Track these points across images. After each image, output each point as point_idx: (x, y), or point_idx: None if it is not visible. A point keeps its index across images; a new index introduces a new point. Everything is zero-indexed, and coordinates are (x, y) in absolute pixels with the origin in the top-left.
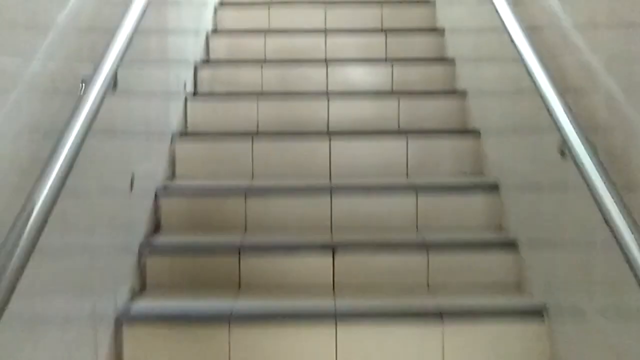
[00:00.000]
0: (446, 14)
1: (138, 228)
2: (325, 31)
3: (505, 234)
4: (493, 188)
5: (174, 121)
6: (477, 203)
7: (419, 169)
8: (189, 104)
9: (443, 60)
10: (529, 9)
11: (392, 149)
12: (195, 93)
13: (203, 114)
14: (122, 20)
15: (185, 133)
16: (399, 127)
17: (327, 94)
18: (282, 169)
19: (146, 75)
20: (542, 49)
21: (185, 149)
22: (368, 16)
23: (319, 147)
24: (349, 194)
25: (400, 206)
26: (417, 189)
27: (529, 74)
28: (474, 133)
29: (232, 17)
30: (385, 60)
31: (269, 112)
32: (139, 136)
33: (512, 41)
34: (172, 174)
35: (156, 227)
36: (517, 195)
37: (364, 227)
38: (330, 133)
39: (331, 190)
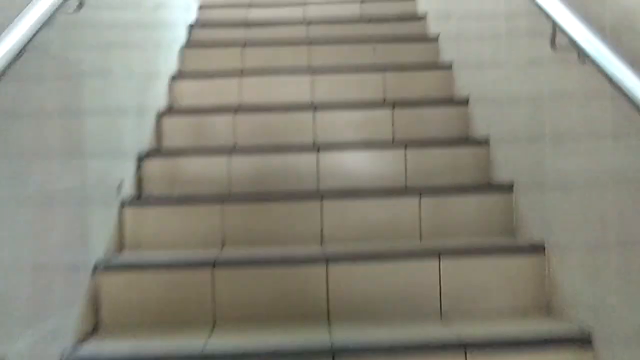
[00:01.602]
0: (469, 79)
1: None
2: (314, 106)
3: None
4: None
5: (99, 244)
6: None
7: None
8: (126, 214)
9: (472, 140)
10: None
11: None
12: (138, 197)
13: (147, 226)
14: None
15: (115, 266)
16: (420, 236)
17: (320, 194)
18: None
19: (35, 180)
20: None
21: (116, 291)
22: (368, 84)
23: (311, 277)
24: None
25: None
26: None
27: None
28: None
29: (193, 91)
30: (393, 142)
31: (239, 224)
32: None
33: None
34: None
35: None
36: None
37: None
38: (328, 260)
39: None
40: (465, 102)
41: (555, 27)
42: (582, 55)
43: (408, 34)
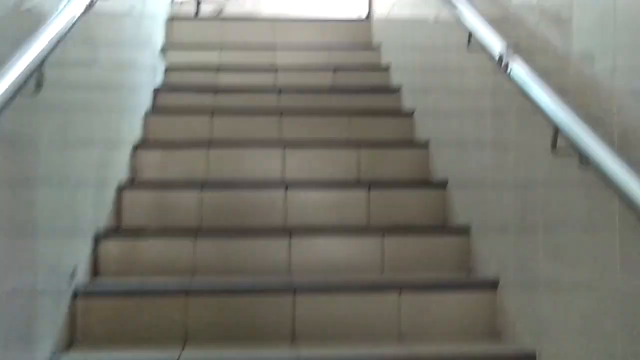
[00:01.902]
0: (448, 160)
1: None
2: (285, 184)
3: None
4: None
5: (45, 343)
6: None
7: None
8: (79, 305)
9: (451, 229)
10: None
11: None
12: (93, 284)
13: (101, 321)
14: None
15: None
16: (400, 334)
17: (293, 287)
18: None
19: None
20: None
21: None
22: (341, 161)
23: None
24: None
25: None
26: None
27: None
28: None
29: (157, 162)
30: (369, 226)
31: (205, 319)
32: None
33: None
34: None
35: None
36: None
37: None
38: None
39: None
40: (443, 185)
41: (557, 130)
42: (585, 161)
43: (383, 108)
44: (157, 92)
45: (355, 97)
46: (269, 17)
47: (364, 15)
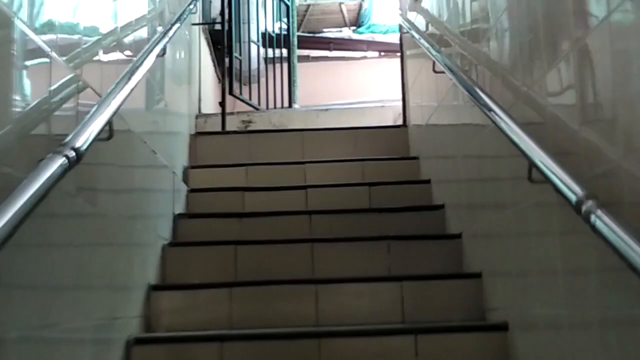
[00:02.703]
0: (510, 297)
1: None
2: (319, 332)
3: None
4: None
5: None
6: None
7: None
8: None
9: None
10: None
11: None
12: None
13: None
14: None
15: None
16: None
17: None
18: None
19: None
20: None
21: None
22: (383, 297)
23: None
24: None
25: None
26: None
27: None
28: None
29: (172, 309)
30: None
31: None
32: None
33: None
34: None
35: None
36: None
37: None
38: None
39: None
40: (505, 326)
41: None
42: None
43: (424, 229)
44: (178, 218)
45: (394, 217)
46: (298, 127)
47: (397, 120)
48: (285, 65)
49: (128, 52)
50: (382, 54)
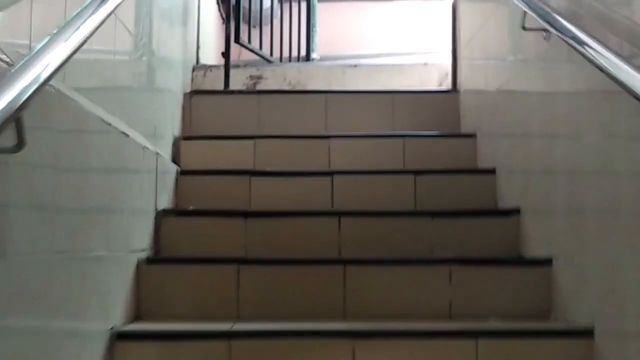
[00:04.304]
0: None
1: None
2: None
3: None
4: None
5: None
6: None
7: None
8: None
9: None
10: None
11: None
12: None
13: None
14: None
15: None
16: None
17: None
18: None
19: None
20: None
21: None
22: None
23: None
24: None
25: None
26: None
27: None
28: None
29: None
30: None
31: None
32: None
33: None
34: None
35: None
36: None
37: None
38: None
39: None
40: None
41: None
42: None
43: (493, 245)
44: (162, 216)
45: (453, 225)
46: (319, 88)
47: (443, 82)
48: (303, 3)
49: None
50: None
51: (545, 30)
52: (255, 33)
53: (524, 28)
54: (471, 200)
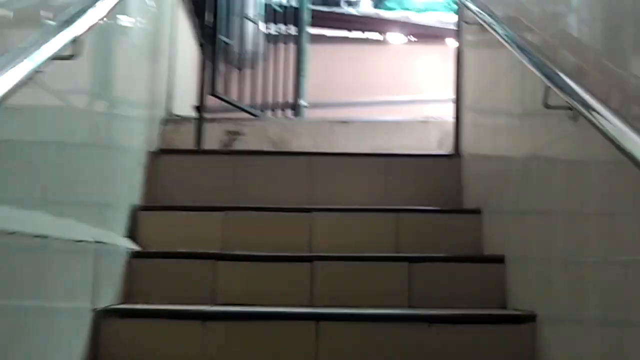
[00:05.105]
0: None
1: None
2: None
3: None
4: None
5: None
6: None
7: None
8: None
9: None
10: None
11: None
12: None
13: None
14: None
15: None
16: None
17: None
18: None
19: None
20: None
21: None
22: None
23: None
24: None
25: None
26: None
27: None
28: None
29: None
30: None
31: None
32: None
33: None
34: None
35: None
36: None
37: None
38: None
39: None
40: None
41: None
42: None
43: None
44: (101, 317)
45: (455, 334)
46: (304, 147)
47: (444, 142)
48: (292, 45)
49: None
50: (413, 38)
51: (570, 108)
52: (236, 79)
53: (546, 106)
54: (477, 298)
